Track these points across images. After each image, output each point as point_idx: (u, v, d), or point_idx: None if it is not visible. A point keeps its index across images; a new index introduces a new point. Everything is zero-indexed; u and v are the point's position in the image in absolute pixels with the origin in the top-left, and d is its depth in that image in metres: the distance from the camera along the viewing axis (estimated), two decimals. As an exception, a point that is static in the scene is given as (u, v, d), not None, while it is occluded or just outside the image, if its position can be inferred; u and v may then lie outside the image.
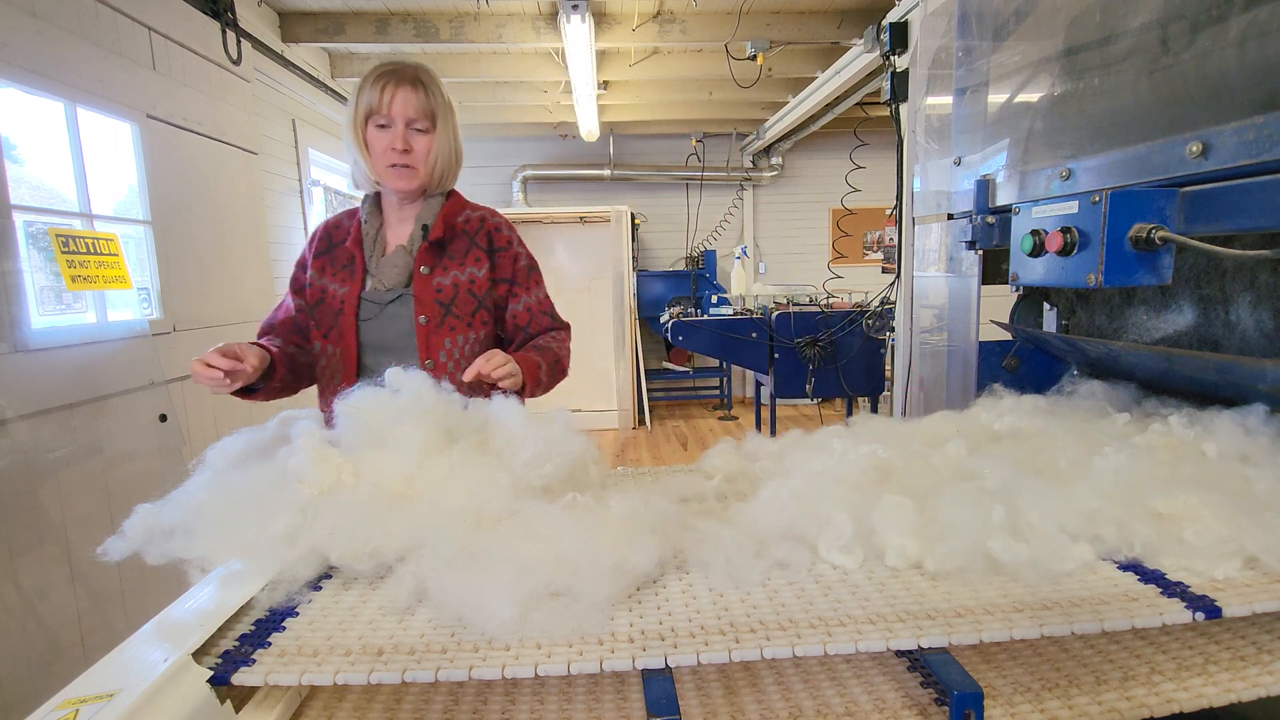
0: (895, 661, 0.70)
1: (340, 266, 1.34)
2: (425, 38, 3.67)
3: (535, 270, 1.49)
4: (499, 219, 1.45)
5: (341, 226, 1.38)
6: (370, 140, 1.29)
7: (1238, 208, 0.84)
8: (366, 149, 1.30)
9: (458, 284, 1.36)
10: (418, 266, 1.34)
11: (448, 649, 0.60)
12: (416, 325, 1.33)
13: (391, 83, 1.27)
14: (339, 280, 1.33)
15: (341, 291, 1.32)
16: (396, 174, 1.30)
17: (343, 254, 1.35)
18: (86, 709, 0.50)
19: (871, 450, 0.91)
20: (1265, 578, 0.69)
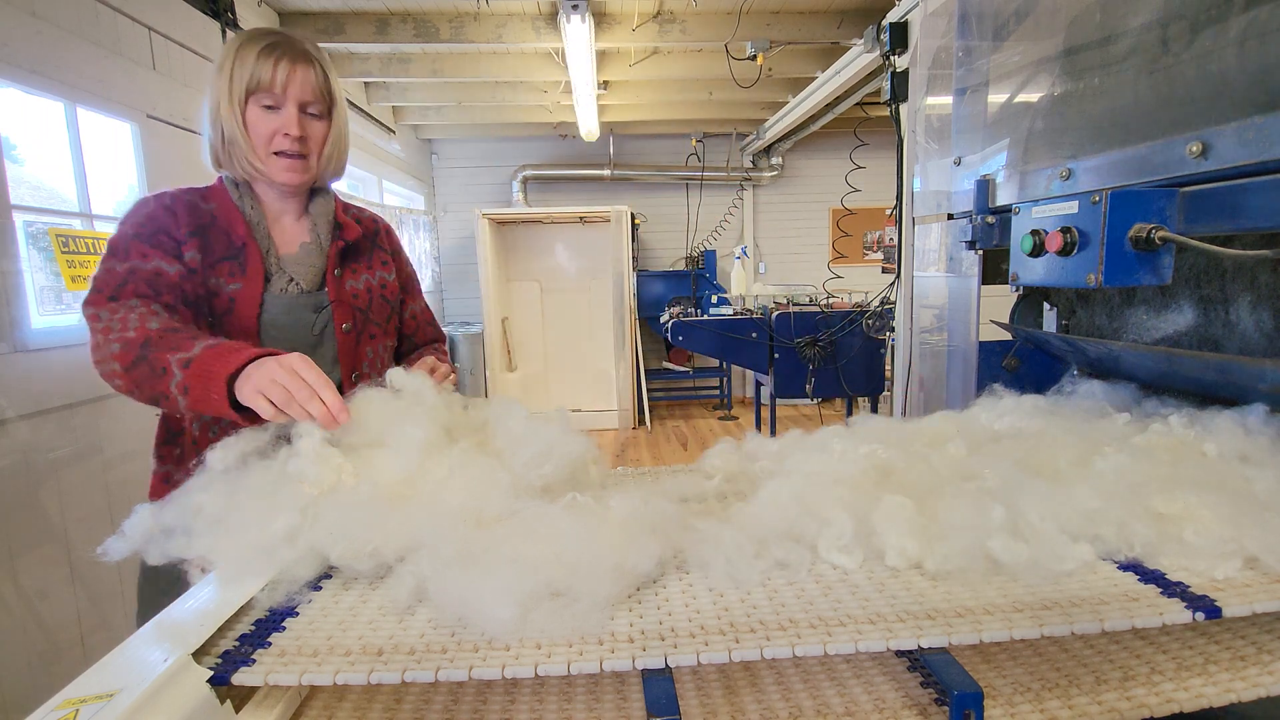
0: (895, 661, 0.70)
1: (219, 258, 1.09)
2: (425, 38, 3.67)
3: (417, 277, 1.40)
4: (385, 221, 1.35)
5: (200, 209, 1.11)
6: (252, 121, 1.08)
7: (1238, 208, 0.84)
8: (246, 130, 1.09)
9: (370, 289, 1.23)
10: (331, 268, 1.18)
11: (448, 649, 0.60)
12: (339, 334, 1.17)
13: (285, 57, 1.07)
14: (222, 273, 1.09)
15: (231, 288, 1.09)
16: (286, 165, 1.12)
17: (221, 242, 1.10)
18: (86, 709, 0.50)
19: (871, 450, 0.91)
20: (1265, 578, 0.69)
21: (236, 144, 1.09)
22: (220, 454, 0.82)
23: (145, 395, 0.93)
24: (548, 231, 6.42)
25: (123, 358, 0.93)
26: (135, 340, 0.93)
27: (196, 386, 0.88)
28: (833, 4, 3.67)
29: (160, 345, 0.92)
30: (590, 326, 6.48)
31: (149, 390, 0.92)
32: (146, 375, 0.91)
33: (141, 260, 1.03)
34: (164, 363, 0.90)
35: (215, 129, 1.10)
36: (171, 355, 0.90)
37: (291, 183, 1.14)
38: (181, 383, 0.89)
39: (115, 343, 0.94)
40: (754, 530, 0.78)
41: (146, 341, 0.92)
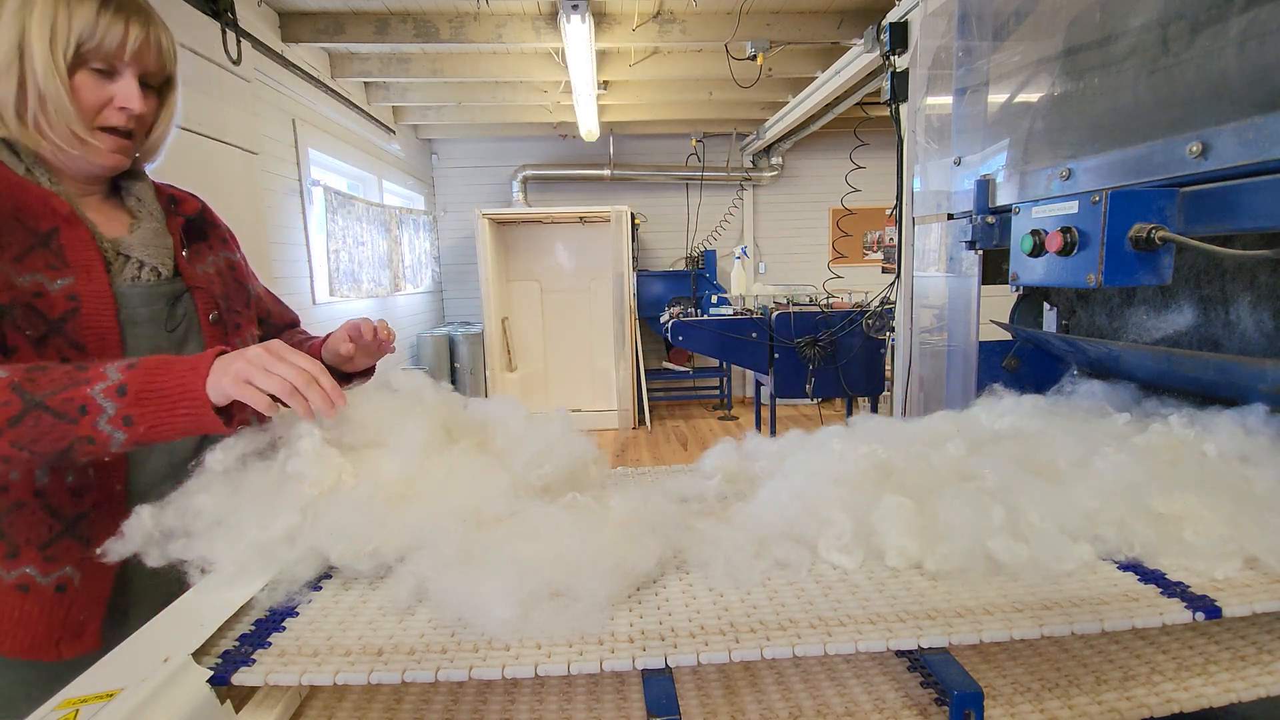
0: (895, 661, 0.70)
1: (23, 250, 0.84)
2: (425, 38, 3.67)
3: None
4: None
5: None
6: (77, 86, 0.86)
7: (1238, 208, 0.84)
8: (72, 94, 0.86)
9: (221, 271, 1.06)
10: (178, 249, 0.99)
11: (447, 649, 0.60)
12: (205, 325, 1.00)
13: (133, 16, 0.88)
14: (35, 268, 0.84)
15: (60, 285, 0.85)
16: (115, 145, 0.91)
17: (11, 229, 0.84)
18: (86, 709, 0.50)
19: (871, 450, 0.91)
20: (1265, 578, 0.69)
21: (57, 108, 0.85)
22: (220, 455, 0.82)
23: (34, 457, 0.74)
24: (548, 231, 6.42)
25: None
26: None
27: (148, 411, 0.74)
28: (833, 4, 3.67)
29: (46, 385, 0.73)
30: (590, 326, 6.48)
31: (49, 446, 0.73)
32: (47, 427, 0.72)
33: None
34: (78, 400, 0.72)
35: (8, 76, 0.83)
36: (85, 389, 0.73)
37: (117, 166, 0.93)
38: (119, 414, 0.73)
39: None
40: (754, 530, 0.78)
41: (17, 386, 0.72)
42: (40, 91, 0.85)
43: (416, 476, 0.83)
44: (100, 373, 0.75)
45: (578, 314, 6.50)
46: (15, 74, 0.84)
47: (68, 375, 0.74)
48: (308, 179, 3.80)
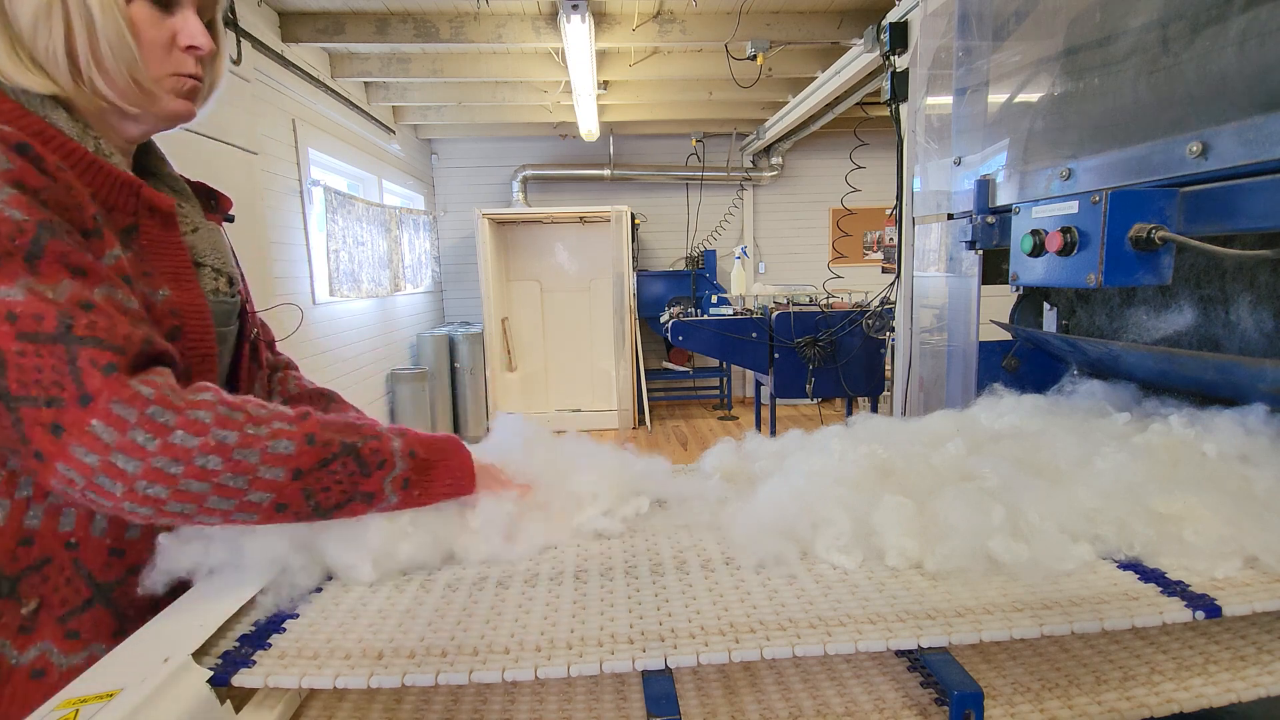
0: (895, 661, 0.70)
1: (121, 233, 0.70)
2: (425, 38, 3.67)
3: None
4: None
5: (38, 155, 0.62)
6: (136, 20, 0.69)
7: (1238, 208, 0.84)
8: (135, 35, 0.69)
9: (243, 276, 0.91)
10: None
11: (447, 652, 0.60)
12: (245, 348, 0.87)
13: None
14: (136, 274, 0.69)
15: (162, 295, 0.71)
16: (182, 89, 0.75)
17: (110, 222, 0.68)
18: (86, 709, 0.50)
19: (871, 450, 0.91)
20: (1265, 577, 0.69)
21: (116, 51, 0.68)
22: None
23: (304, 510, 0.65)
24: (548, 231, 6.42)
25: (304, 458, 0.63)
26: (318, 430, 0.65)
27: (423, 480, 0.71)
28: (833, 4, 3.67)
29: (350, 432, 0.67)
30: (590, 326, 6.48)
31: (330, 498, 0.65)
32: (343, 476, 0.65)
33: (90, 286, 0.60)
34: (383, 454, 0.68)
35: (53, 22, 0.65)
36: (390, 442, 0.69)
37: (186, 118, 0.77)
38: (402, 476, 0.69)
39: (277, 438, 0.62)
40: (753, 530, 0.78)
41: (326, 427, 0.66)
42: (95, 30, 0.67)
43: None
44: (379, 431, 0.70)
45: (578, 314, 6.50)
46: (60, 12, 0.66)
47: (352, 426, 0.69)
48: (308, 179, 3.80)
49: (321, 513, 0.66)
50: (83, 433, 0.55)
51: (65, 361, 0.55)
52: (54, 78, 0.68)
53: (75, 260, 0.60)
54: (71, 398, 0.55)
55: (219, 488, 0.59)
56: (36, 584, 0.68)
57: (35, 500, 0.67)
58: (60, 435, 0.55)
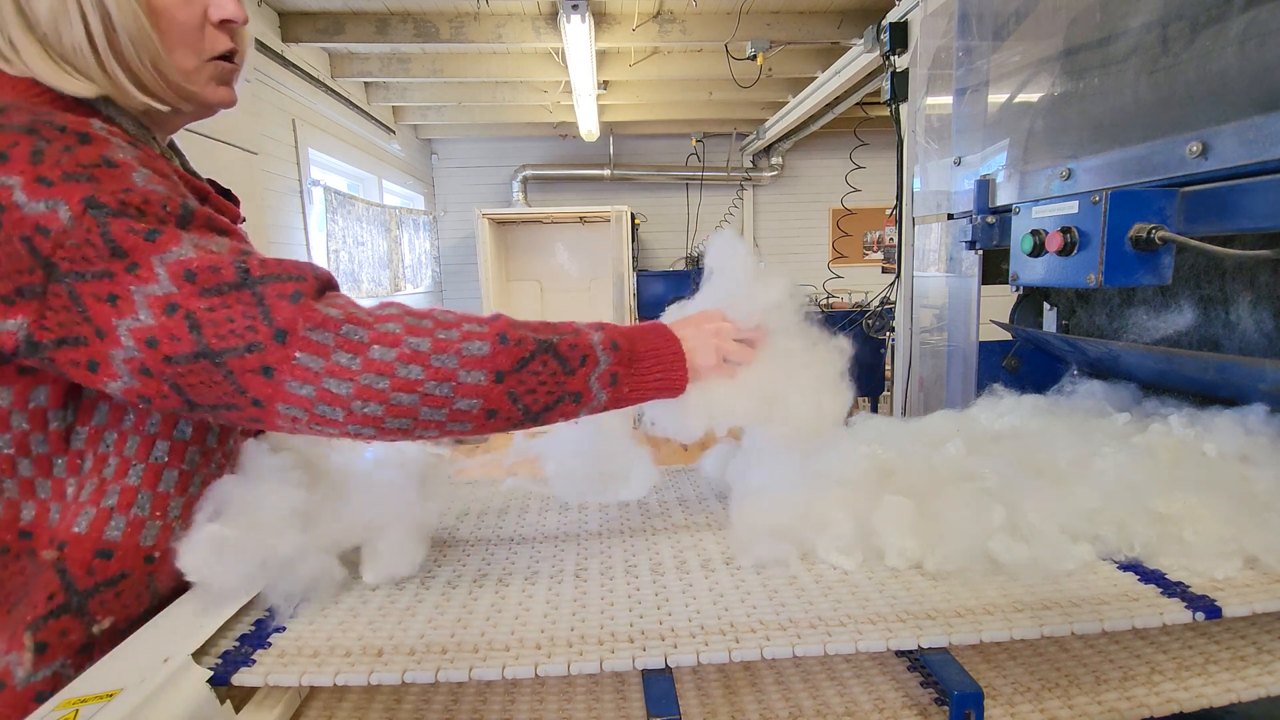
0: (895, 661, 0.70)
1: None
2: (425, 38, 3.67)
3: None
4: None
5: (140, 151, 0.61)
6: (162, 3, 0.64)
7: (1238, 208, 0.84)
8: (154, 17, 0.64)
9: None
10: None
11: (447, 649, 0.60)
12: None
13: None
14: None
15: None
16: (222, 74, 0.70)
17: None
18: (86, 709, 0.50)
19: (871, 450, 0.91)
20: (1265, 578, 0.69)
21: (143, 43, 0.63)
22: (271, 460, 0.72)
23: (514, 414, 0.62)
24: (548, 231, 6.42)
25: (501, 358, 0.60)
26: (512, 330, 0.62)
27: (631, 373, 0.68)
28: (833, 4, 3.67)
29: (546, 330, 0.65)
30: (590, 326, 6.47)
31: (537, 400, 0.63)
32: (546, 376, 0.63)
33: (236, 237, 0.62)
34: (582, 349, 0.65)
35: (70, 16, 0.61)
36: (587, 336, 0.66)
37: (228, 104, 0.73)
38: (609, 370, 0.66)
39: (470, 340, 0.60)
40: (754, 530, 0.78)
41: (520, 326, 0.64)
42: (110, 21, 0.62)
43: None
44: (577, 326, 0.68)
45: (578, 314, 6.45)
46: (75, 6, 0.60)
47: (549, 327, 0.66)
48: (308, 179, 3.80)
49: (532, 416, 0.63)
50: (292, 367, 0.54)
51: (253, 304, 0.54)
52: (90, 78, 0.63)
53: (219, 223, 0.60)
54: (267, 337, 0.54)
55: (427, 397, 0.58)
56: (109, 600, 0.63)
57: (119, 510, 0.63)
58: (271, 375, 0.54)
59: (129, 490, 0.63)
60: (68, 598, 0.61)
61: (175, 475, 0.66)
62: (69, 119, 0.57)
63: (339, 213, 4.01)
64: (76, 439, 0.62)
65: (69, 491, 0.62)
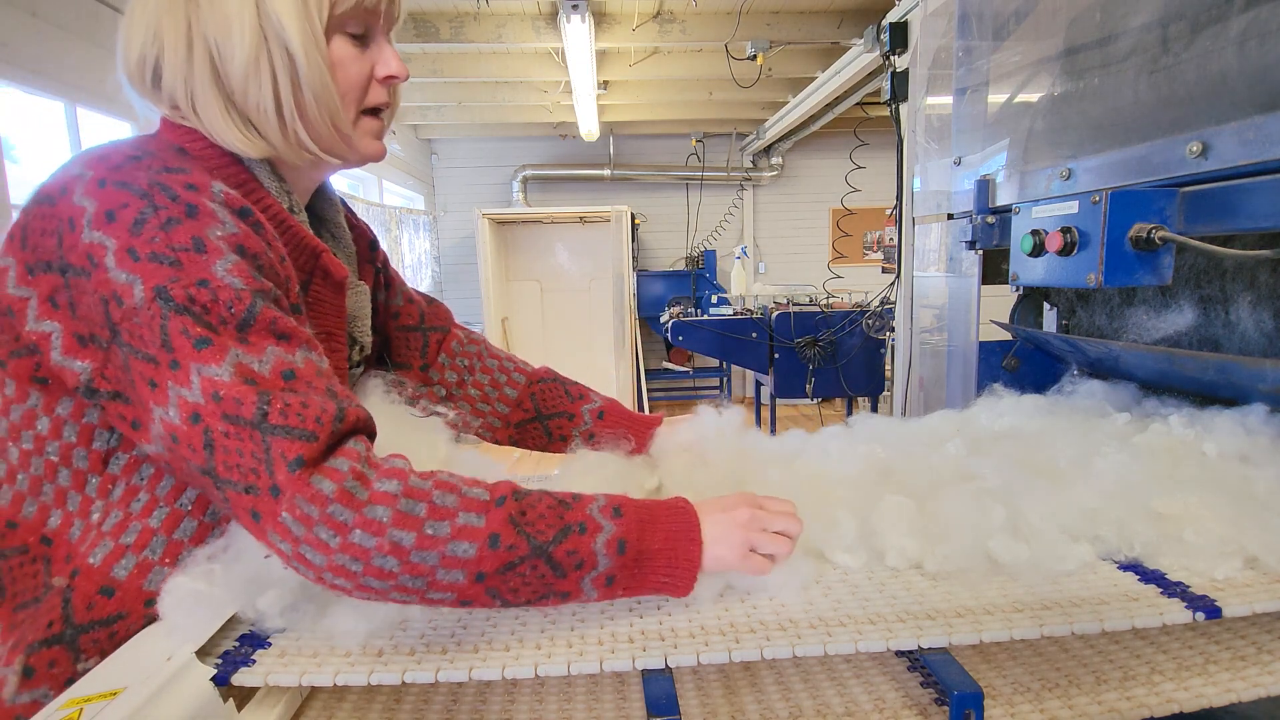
0: (895, 661, 0.70)
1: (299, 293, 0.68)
2: (425, 38, 3.68)
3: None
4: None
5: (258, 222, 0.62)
6: (339, 60, 0.67)
7: (1238, 208, 0.84)
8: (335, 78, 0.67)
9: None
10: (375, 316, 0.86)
11: (448, 649, 0.60)
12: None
13: None
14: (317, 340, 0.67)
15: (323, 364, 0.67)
16: (377, 130, 0.73)
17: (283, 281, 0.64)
18: (90, 708, 0.50)
19: (871, 450, 0.91)
20: (1265, 578, 0.69)
21: (319, 97, 0.65)
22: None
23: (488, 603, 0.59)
24: (548, 231, 6.42)
25: (485, 561, 0.56)
26: (504, 530, 0.57)
27: (633, 574, 0.62)
28: (833, 4, 3.67)
29: (541, 523, 0.59)
30: (590, 326, 6.48)
31: (516, 597, 0.59)
32: (533, 579, 0.58)
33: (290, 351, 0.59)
34: (580, 555, 0.59)
35: (261, 74, 0.63)
36: (589, 541, 0.60)
37: (378, 158, 0.74)
38: (607, 572, 0.60)
39: (457, 539, 0.56)
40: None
41: (517, 523, 0.58)
42: (299, 82, 0.64)
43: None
44: (590, 516, 0.61)
45: (578, 314, 6.50)
46: (267, 65, 0.63)
47: (555, 513, 0.60)
48: (308, 179, 3.80)
49: (511, 606, 0.61)
50: (276, 523, 0.54)
51: (261, 449, 0.54)
52: (265, 135, 0.66)
53: (282, 326, 0.58)
54: (265, 487, 0.54)
55: (398, 587, 0.56)
56: (101, 639, 0.62)
57: (133, 549, 0.63)
58: (259, 521, 0.55)
59: (147, 531, 0.63)
60: (63, 629, 0.61)
61: (194, 526, 0.66)
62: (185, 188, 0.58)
63: (339, 213, 4.01)
64: (115, 463, 0.63)
65: (94, 515, 0.63)
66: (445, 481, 0.58)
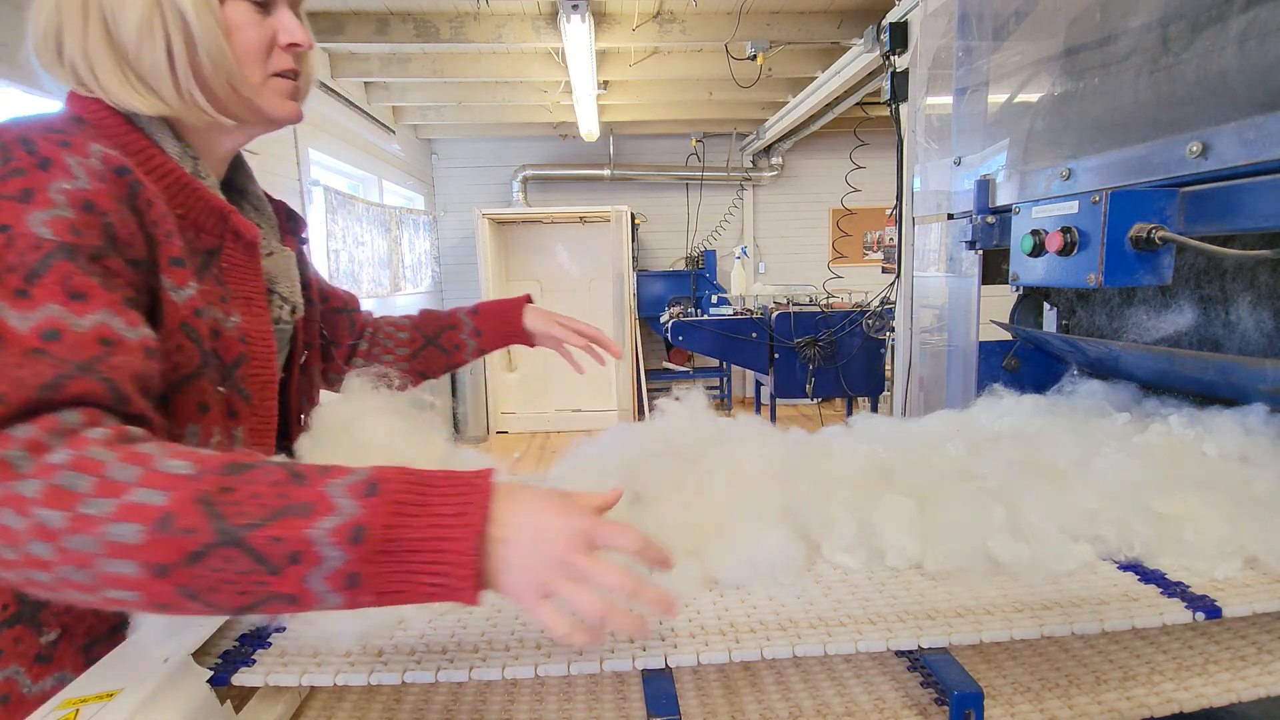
0: (895, 661, 0.70)
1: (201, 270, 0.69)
2: (425, 38, 3.67)
3: None
4: None
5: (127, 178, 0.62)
6: (238, 23, 0.69)
7: (1238, 208, 0.84)
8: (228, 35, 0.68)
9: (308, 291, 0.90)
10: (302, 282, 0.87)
11: (448, 649, 0.60)
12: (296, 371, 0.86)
13: None
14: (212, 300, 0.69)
15: (235, 322, 0.70)
16: (289, 90, 0.74)
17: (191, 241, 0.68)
18: (87, 709, 0.50)
19: (871, 450, 0.91)
20: (1265, 578, 0.69)
21: (214, 59, 0.67)
22: None
23: (202, 608, 0.48)
24: (548, 231, 6.42)
25: (159, 549, 0.45)
26: (182, 508, 0.46)
27: (385, 572, 0.47)
28: (833, 4, 3.67)
29: (249, 504, 0.47)
30: (590, 326, 6.47)
31: (228, 600, 0.47)
32: (233, 575, 0.46)
33: (78, 311, 0.54)
34: (291, 544, 0.46)
35: (154, 37, 0.65)
36: (304, 526, 0.46)
37: (294, 119, 0.76)
38: (345, 569, 0.47)
39: (118, 520, 0.45)
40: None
41: (209, 503, 0.46)
42: (193, 43, 0.66)
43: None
44: (323, 494, 0.48)
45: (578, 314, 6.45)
46: (160, 26, 0.65)
47: (278, 490, 0.48)
48: (308, 179, 3.80)
49: (241, 611, 0.51)
50: None
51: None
52: (161, 96, 0.67)
53: (78, 284, 0.55)
54: None
55: (67, 581, 0.46)
56: (60, 612, 0.64)
57: None
58: None
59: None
60: (20, 608, 0.63)
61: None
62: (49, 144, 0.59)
63: (339, 213, 4.01)
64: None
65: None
66: (142, 453, 0.48)
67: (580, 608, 0.49)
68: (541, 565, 0.49)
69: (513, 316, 1.10)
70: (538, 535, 0.50)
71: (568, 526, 0.50)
